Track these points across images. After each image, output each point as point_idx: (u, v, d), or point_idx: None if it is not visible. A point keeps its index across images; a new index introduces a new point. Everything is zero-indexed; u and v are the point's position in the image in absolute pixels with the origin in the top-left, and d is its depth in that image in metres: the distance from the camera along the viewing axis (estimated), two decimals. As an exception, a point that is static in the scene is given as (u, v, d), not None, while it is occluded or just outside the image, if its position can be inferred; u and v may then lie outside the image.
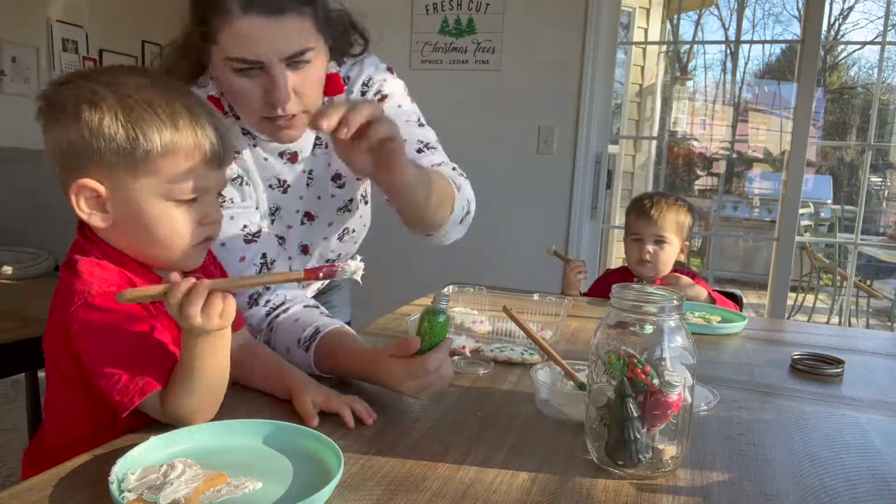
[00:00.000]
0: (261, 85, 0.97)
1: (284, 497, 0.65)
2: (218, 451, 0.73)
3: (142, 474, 0.64)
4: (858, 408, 1.02)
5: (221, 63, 0.97)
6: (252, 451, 0.74)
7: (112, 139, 0.76)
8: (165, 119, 0.78)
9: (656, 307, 0.73)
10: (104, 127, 0.76)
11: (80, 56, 5.22)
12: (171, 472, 0.64)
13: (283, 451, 0.74)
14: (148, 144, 0.77)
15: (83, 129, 0.76)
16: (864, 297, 5.21)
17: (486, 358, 1.14)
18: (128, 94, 0.78)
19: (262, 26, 0.93)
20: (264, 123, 1.03)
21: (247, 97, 0.99)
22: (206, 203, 0.84)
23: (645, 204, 1.79)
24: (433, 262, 2.55)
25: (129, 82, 0.79)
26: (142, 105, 0.77)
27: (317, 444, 0.73)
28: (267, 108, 0.99)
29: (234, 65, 0.96)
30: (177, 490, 0.61)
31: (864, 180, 3.53)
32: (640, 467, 0.73)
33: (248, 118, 1.05)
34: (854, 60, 11.31)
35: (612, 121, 3.20)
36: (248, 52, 0.94)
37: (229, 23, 0.93)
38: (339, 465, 0.67)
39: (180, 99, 0.81)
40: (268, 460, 0.72)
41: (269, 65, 0.95)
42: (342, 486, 0.68)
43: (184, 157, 0.79)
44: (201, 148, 0.80)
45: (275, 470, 0.70)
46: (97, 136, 0.76)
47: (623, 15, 4.90)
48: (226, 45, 0.95)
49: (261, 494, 0.65)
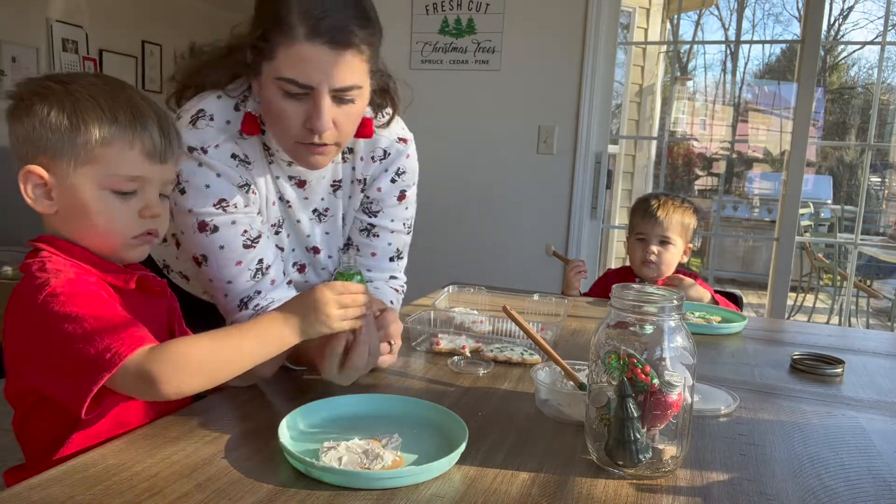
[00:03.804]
0: (304, 110, 1.00)
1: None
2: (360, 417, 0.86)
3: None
4: (858, 408, 1.02)
5: (271, 81, 0.99)
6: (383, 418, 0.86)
7: (57, 129, 0.81)
8: (107, 111, 0.83)
9: (656, 307, 0.73)
10: (51, 117, 0.81)
11: (80, 56, 5.22)
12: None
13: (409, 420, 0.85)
14: (88, 134, 0.82)
15: (34, 119, 0.82)
16: (864, 297, 5.21)
17: (486, 358, 1.14)
18: (76, 90, 0.83)
19: (322, 55, 0.96)
20: (297, 147, 1.05)
21: (287, 119, 1.01)
22: (147, 195, 0.86)
23: (651, 204, 1.79)
24: (433, 263, 2.55)
25: (82, 81, 0.85)
26: (87, 99, 0.83)
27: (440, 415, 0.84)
28: (304, 132, 1.01)
29: (283, 85, 0.98)
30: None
31: (863, 180, 3.53)
32: (640, 467, 0.73)
33: (282, 138, 1.06)
34: (854, 60, 11.32)
35: (612, 121, 3.20)
36: (302, 76, 0.97)
37: (291, 45, 0.96)
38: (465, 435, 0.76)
39: (126, 97, 0.85)
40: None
41: (318, 93, 0.98)
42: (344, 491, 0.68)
43: (122, 147, 0.83)
44: (141, 141, 0.84)
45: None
46: (45, 126, 0.81)
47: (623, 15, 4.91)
48: (281, 64, 0.97)
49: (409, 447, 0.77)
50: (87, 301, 0.76)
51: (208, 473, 0.69)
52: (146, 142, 0.84)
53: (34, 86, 0.84)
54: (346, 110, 1.02)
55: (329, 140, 1.03)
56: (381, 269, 1.28)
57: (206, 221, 1.06)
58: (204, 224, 1.06)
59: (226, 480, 0.68)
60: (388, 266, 1.29)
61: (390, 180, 1.24)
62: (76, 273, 0.81)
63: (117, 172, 0.83)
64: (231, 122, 1.08)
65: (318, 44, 0.95)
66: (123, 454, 0.73)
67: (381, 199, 1.25)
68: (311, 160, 1.06)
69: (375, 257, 1.27)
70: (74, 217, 0.84)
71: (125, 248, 0.87)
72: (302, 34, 0.95)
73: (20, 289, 0.80)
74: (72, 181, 0.82)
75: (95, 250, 0.85)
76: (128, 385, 0.75)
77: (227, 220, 1.07)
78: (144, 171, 0.85)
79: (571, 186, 2.87)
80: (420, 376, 1.06)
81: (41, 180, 0.82)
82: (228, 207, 1.07)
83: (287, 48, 0.96)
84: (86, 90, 0.83)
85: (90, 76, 0.88)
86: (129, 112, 0.84)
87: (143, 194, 0.86)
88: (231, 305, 1.10)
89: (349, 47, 0.97)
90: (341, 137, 1.05)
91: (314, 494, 0.66)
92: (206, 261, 1.08)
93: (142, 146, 0.84)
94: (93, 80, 0.86)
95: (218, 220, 1.07)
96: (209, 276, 1.09)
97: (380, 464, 0.71)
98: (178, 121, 1.06)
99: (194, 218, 1.06)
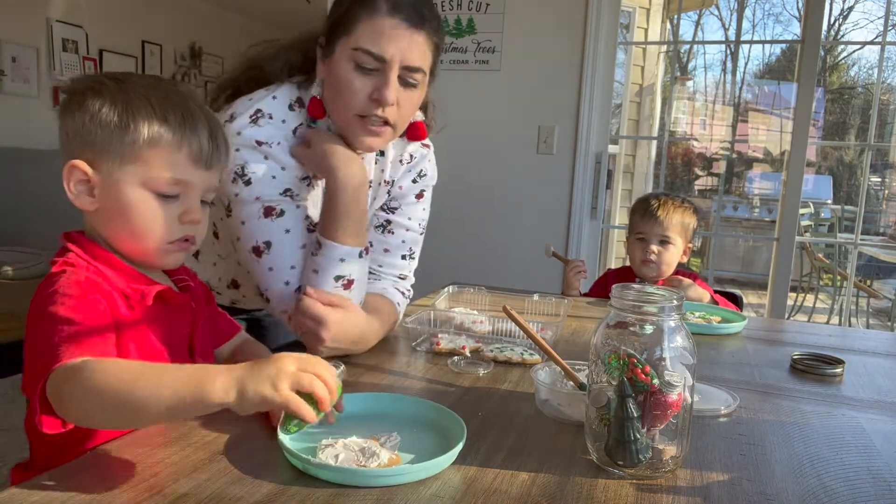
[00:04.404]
0: (372, 83, 1.06)
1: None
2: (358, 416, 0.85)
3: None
4: (858, 408, 1.02)
5: (345, 54, 1.06)
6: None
7: (106, 125, 0.80)
8: (157, 111, 0.82)
9: (656, 307, 0.73)
10: (102, 114, 0.80)
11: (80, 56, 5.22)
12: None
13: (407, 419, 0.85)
14: (136, 133, 0.80)
15: (85, 115, 0.81)
16: (864, 297, 5.21)
17: (486, 358, 1.14)
18: (130, 87, 0.82)
19: (400, 30, 1.04)
20: (355, 121, 1.09)
21: (353, 90, 1.06)
22: (189, 200, 0.85)
23: (651, 204, 1.79)
24: (432, 263, 2.54)
25: (137, 81, 0.84)
26: (139, 97, 0.82)
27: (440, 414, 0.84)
28: (368, 104, 1.07)
29: (358, 56, 1.05)
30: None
31: (863, 180, 3.53)
32: (640, 467, 0.73)
33: (342, 112, 1.10)
34: (854, 60, 11.33)
35: (612, 121, 3.20)
36: (377, 48, 1.04)
37: (371, 18, 1.04)
38: (463, 433, 0.76)
39: (179, 99, 0.84)
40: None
41: (390, 66, 1.05)
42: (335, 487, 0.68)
43: (169, 149, 0.82)
44: (188, 144, 0.83)
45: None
46: (94, 122, 0.80)
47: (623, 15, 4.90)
48: (360, 36, 1.05)
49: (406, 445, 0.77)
50: (76, 304, 0.74)
51: (208, 473, 0.69)
52: (194, 146, 0.83)
53: (89, 81, 0.83)
54: (408, 94, 1.09)
55: (389, 117, 1.08)
56: (392, 265, 1.30)
57: (272, 206, 1.10)
58: (271, 209, 1.09)
59: (226, 480, 0.68)
60: (399, 263, 1.30)
61: (412, 180, 1.31)
62: (88, 277, 0.79)
63: (161, 174, 0.82)
64: (286, 122, 1.12)
65: (398, 19, 1.04)
66: (123, 454, 0.72)
67: (401, 197, 1.30)
68: (365, 140, 1.11)
69: (388, 253, 1.29)
70: (114, 216, 0.83)
71: (160, 254, 0.85)
72: (385, 9, 1.04)
73: (39, 285, 0.79)
74: (115, 179, 0.81)
75: (128, 254, 0.84)
76: (52, 392, 0.67)
77: (293, 205, 1.12)
78: (189, 175, 0.84)
79: (571, 186, 2.87)
80: (420, 376, 1.06)
81: (85, 176, 0.81)
82: (294, 196, 1.12)
83: (368, 21, 1.04)
84: (140, 89, 0.82)
85: (146, 76, 0.87)
86: (179, 114, 0.83)
87: (184, 199, 0.85)
88: (290, 292, 1.11)
89: (422, 28, 1.06)
90: (398, 120, 1.10)
91: (314, 494, 0.66)
92: (270, 248, 1.10)
93: (189, 150, 0.83)
94: (148, 80, 0.85)
95: (285, 205, 1.11)
96: (269, 265, 1.10)
97: (376, 462, 0.71)
98: (234, 121, 1.08)
99: (260, 204, 1.09)
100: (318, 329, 1.02)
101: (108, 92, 0.81)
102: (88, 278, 0.79)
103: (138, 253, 0.85)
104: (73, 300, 0.75)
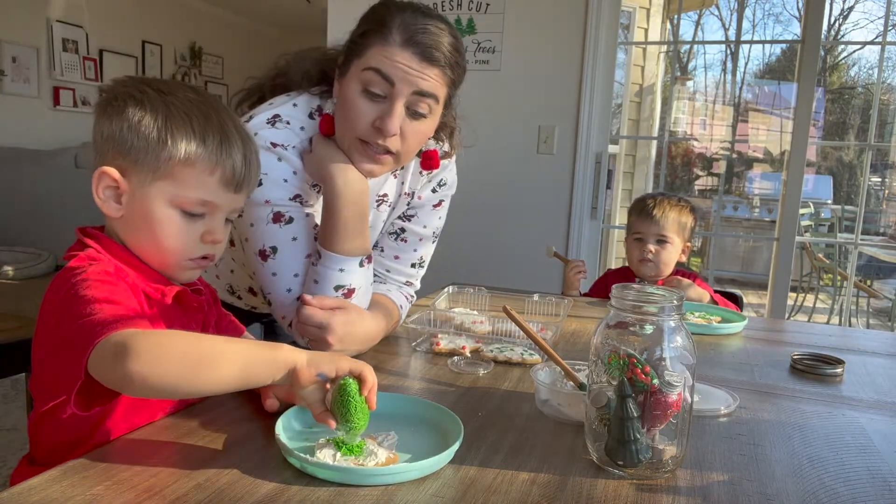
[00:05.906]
0: (377, 110, 1.04)
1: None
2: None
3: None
4: (858, 408, 1.02)
5: (355, 75, 1.05)
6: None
7: (144, 137, 0.80)
8: (197, 131, 0.82)
9: (656, 307, 0.73)
10: (142, 125, 0.80)
11: (80, 56, 5.22)
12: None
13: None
14: (173, 150, 0.81)
15: (123, 123, 0.81)
16: (864, 297, 5.21)
17: (486, 358, 1.14)
18: (173, 101, 0.82)
19: (410, 62, 1.02)
20: (357, 144, 1.08)
21: (357, 114, 1.05)
22: (214, 221, 0.86)
23: (648, 203, 1.80)
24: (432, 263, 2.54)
25: (179, 94, 0.84)
26: (180, 114, 0.81)
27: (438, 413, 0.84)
28: (371, 131, 1.05)
29: (367, 76, 1.03)
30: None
31: (863, 180, 3.53)
32: (640, 467, 0.73)
33: (346, 134, 1.08)
34: (854, 60, 11.32)
35: (612, 121, 3.20)
36: (386, 67, 1.02)
37: (384, 46, 1.02)
38: (460, 432, 0.76)
39: (219, 121, 0.84)
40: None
41: (396, 94, 1.03)
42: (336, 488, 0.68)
43: (202, 171, 0.82)
44: (222, 168, 0.83)
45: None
46: (132, 131, 0.80)
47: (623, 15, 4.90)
48: (371, 57, 1.03)
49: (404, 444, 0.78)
50: (109, 288, 0.75)
51: (208, 473, 0.69)
52: (227, 170, 0.83)
53: (131, 87, 0.83)
54: (414, 126, 1.07)
55: (392, 147, 1.06)
56: (400, 272, 1.30)
57: (282, 212, 1.09)
58: (280, 215, 1.09)
59: (226, 480, 0.68)
60: (408, 271, 1.31)
61: (432, 190, 1.31)
62: (117, 267, 0.80)
63: (191, 195, 0.82)
64: (305, 129, 1.12)
65: (409, 53, 1.02)
66: (124, 454, 0.72)
67: (419, 206, 1.30)
68: (365, 165, 1.09)
69: (398, 260, 1.30)
70: (138, 226, 0.83)
71: (178, 269, 0.86)
72: (398, 41, 1.02)
73: (57, 276, 0.79)
74: (144, 192, 0.81)
75: (147, 261, 0.85)
76: (104, 361, 0.68)
77: (302, 212, 1.11)
78: (218, 197, 0.84)
79: (571, 186, 2.87)
80: (420, 376, 1.06)
81: (114, 183, 0.81)
82: (304, 202, 1.12)
83: (380, 48, 1.02)
84: (182, 105, 0.82)
85: (188, 89, 0.86)
86: (218, 137, 0.83)
87: (210, 219, 0.85)
88: (292, 299, 1.11)
89: (435, 65, 1.03)
90: (402, 151, 1.08)
91: (314, 494, 0.66)
92: (275, 253, 1.09)
93: (222, 173, 0.83)
94: (191, 96, 0.84)
95: (294, 212, 1.10)
96: (273, 271, 1.10)
97: (374, 460, 0.72)
98: (251, 121, 1.09)
99: (270, 209, 1.08)
100: (323, 335, 1.03)
101: (150, 102, 0.81)
102: (117, 268, 0.80)
103: (157, 263, 0.85)
104: (108, 286, 0.75)
